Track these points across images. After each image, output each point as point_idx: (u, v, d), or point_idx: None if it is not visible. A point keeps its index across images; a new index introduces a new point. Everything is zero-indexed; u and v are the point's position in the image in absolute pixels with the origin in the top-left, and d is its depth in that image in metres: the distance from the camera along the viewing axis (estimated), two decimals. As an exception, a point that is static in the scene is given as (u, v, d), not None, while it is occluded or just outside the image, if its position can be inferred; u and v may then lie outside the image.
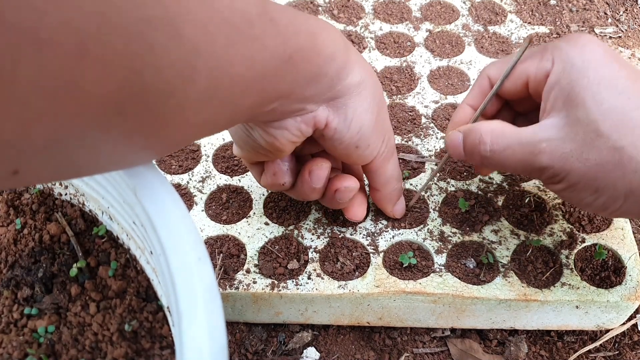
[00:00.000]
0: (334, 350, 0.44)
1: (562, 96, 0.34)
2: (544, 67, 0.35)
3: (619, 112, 0.32)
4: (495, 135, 0.36)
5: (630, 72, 0.33)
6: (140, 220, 0.33)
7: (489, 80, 0.40)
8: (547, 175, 0.35)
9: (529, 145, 0.34)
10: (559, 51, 0.35)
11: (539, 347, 0.45)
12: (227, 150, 0.50)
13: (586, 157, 0.32)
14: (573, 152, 0.33)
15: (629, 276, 0.42)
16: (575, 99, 0.33)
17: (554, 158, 0.33)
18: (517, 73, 0.37)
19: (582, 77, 0.33)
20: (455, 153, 0.39)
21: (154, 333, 0.39)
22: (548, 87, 0.35)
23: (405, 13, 0.63)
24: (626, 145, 0.32)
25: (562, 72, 0.34)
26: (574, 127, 0.33)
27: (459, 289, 0.41)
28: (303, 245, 0.44)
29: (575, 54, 0.34)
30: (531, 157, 0.34)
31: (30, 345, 0.39)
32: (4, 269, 0.43)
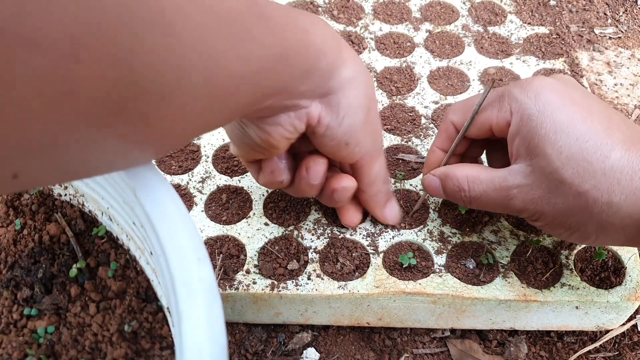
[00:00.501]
0: (333, 351, 0.44)
1: (523, 146, 0.35)
2: (503, 117, 0.37)
3: (578, 158, 0.33)
4: (471, 181, 0.38)
5: (586, 113, 0.34)
6: (140, 221, 0.33)
7: (453, 126, 0.41)
8: (524, 215, 0.37)
9: (502, 191, 0.36)
10: (515, 101, 0.36)
11: (539, 348, 0.45)
12: (227, 151, 0.50)
13: (554, 202, 0.34)
14: (542, 197, 0.35)
15: (628, 277, 0.42)
16: (535, 149, 0.34)
17: (526, 202, 0.35)
18: (480, 121, 0.39)
19: (539, 127, 0.34)
20: (436, 195, 0.41)
21: (153, 333, 0.39)
22: (510, 137, 0.36)
23: (405, 13, 0.63)
24: (589, 189, 0.33)
25: (520, 123, 0.35)
26: (539, 176, 0.34)
27: (459, 289, 0.41)
28: (303, 245, 0.44)
29: (530, 104, 0.35)
30: (506, 201, 0.36)
31: (29, 345, 0.39)
32: (3, 269, 0.43)
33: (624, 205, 0.32)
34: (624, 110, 0.59)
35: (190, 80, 0.23)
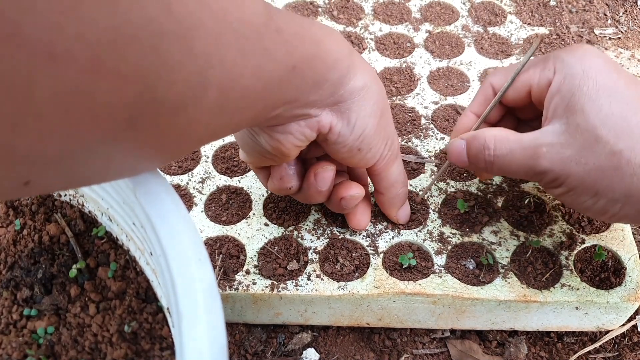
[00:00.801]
0: (333, 351, 0.44)
1: (562, 103, 0.35)
2: (546, 77, 0.37)
3: (617, 118, 0.33)
4: (498, 140, 0.37)
5: (628, 80, 0.34)
6: (139, 221, 0.33)
7: (492, 89, 0.41)
8: (547, 179, 0.36)
9: (531, 149, 0.35)
10: (560, 61, 0.36)
11: (539, 348, 0.45)
12: (227, 151, 0.50)
13: (585, 162, 0.33)
14: (572, 157, 0.34)
15: (628, 277, 0.42)
16: (575, 105, 0.34)
17: (554, 162, 0.35)
18: (520, 82, 0.38)
19: (582, 85, 0.34)
20: (458, 160, 0.40)
21: (153, 334, 0.39)
22: (550, 95, 0.36)
23: (405, 14, 0.63)
24: (624, 149, 0.32)
25: (563, 80, 0.35)
26: (574, 133, 0.34)
27: (459, 290, 0.41)
28: (303, 246, 0.44)
29: (576, 64, 0.35)
30: (532, 161, 0.35)
31: (29, 346, 0.39)
32: (3, 269, 0.43)
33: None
34: (624, 111, 0.59)
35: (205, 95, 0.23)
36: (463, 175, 0.48)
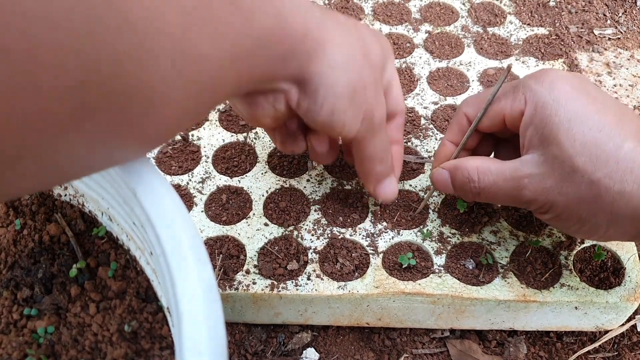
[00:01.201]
0: (333, 351, 0.45)
1: (536, 135, 0.35)
2: (517, 107, 0.37)
3: (591, 146, 0.33)
4: (481, 172, 0.37)
5: (600, 104, 0.35)
6: (140, 221, 0.33)
7: (466, 118, 0.41)
8: (534, 207, 0.37)
9: (513, 181, 0.36)
10: (529, 91, 0.36)
11: (538, 348, 0.45)
12: (227, 151, 0.50)
13: (566, 192, 0.34)
14: (553, 187, 0.35)
15: (628, 277, 0.42)
16: (549, 137, 0.34)
17: (537, 193, 0.35)
18: (493, 112, 0.39)
19: (553, 115, 0.34)
20: (444, 189, 0.41)
21: (153, 333, 0.39)
22: (523, 126, 0.36)
23: (404, 14, 0.63)
24: (602, 177, 0.33)
25: (534, 111, 0.35)
26: (552, 164, 0.34)
27: (458, 289, 0.41)
28: (302, 246, 0.44)
29: (545, 93, 0.35)
30: (516, 192, 0.36)
31: (29, 345, 0.39)
32: (3, 269, 0.43)
33: (636, 194, 0.32)
34: (623, 111, 0.59)
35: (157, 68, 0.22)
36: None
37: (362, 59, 0.35)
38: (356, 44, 0.35)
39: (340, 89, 0.34)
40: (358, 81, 0.35)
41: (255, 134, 0.51)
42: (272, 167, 0.49)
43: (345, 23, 0.36)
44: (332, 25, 0.34)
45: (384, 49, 0.38)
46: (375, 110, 0.37)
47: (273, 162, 0.49)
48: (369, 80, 0.36)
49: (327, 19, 0.34)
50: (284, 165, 0.49)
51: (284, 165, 0.49)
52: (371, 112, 0.37)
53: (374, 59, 0.37)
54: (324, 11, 0.34)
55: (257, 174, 0.49)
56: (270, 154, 0.50)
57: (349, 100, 0.35)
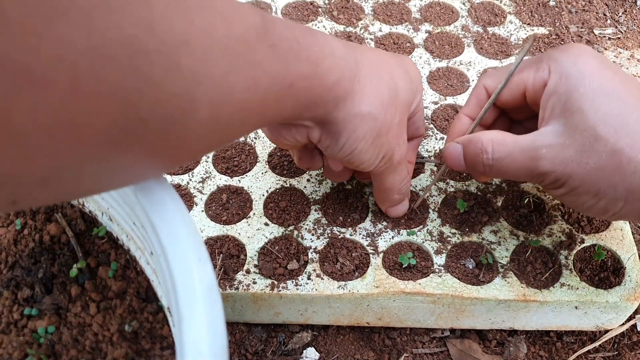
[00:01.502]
0: (333, 351, 0.45)
1: (559, 104, 0.35)
2: (541, 77, 0.36)
3: (615, 116, 0.33)
4: (496, 143, 0.37)
5: (623, 79, 0.35)
6: (140, 221, 0.33)
7: (485, 91, 0.41)
8: (548, 180, 0.36)
9: (530, 151, 0.35)
10: (554, 62, 0.36)
11: (539, 348, 0.45)
12: (227, 151, 0.50)
13: (586, 161, 0.33)
14: (573, 157, 0.34)
15: (628, 277, 0.42)
16: (573, 106, 0.34)
17: (555, 163, 0.34)
18: (514, 83, 0.38)
19: (578, 86, 0.34)
20: (455, 164, 0.39)
21: (154, 333, 0.39)
22: (546, 96, 0.36)
23: (404, 14, 0.63)
24: (624, 147, 0.32)
25: (558, 81, 0.35)
26: (573, 133, 0.34)
27: (459, 289, 0.41)
28: (303, 245, 0.44)
29: (570, 64, 0.35)
30: (532, 162, 0.35)
31: (30, 345, 0.39)
32: (4, 269, 0.43)
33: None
34: (624, 111, 0.59)
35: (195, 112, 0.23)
36: (463, 175, 0.48)
37: (389, 104, 0.36)
38: (386, 89, 0.35)
39: (363, 135, 0.35)
40: (382, 127, 0.35)
41: (256, 134, 0.51)
42: (273, 167, 0.49)
43: (379, 66, 0.36)
44: (364, 72, 0.34)
45: (413, 84, 0.39)
46: (395, 150, 0.38)
47: (273, 161, 0.50)
48: (393, 122, 0.36)
49: (361, 65, 0.34)
50: (284, 165, 0.49)
51: (284, 165, 0.49)
52: (391, 152, 0.38)
53: (402, 100, 0.37)
54: (359, 55, 0.35)
55: (257, 173, 0.49)
56: (270, 154, 0.50)
57: (370, 144, 0.36)
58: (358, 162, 0.37)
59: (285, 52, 0.27)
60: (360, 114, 0.34)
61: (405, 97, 0.37)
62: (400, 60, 0.39)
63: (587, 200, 0.35)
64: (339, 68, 0.32)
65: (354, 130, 0.34)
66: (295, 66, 0.28)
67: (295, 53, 0.28)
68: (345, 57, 0.33)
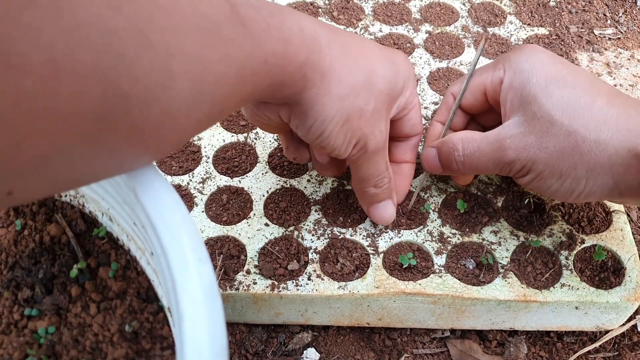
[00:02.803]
0: (334, 351, 0.45)
1: (516, 97, 0.38)
2: (497, 76, 0.40)
3: (567, 101, 0.36)
4: (465, 140, 0.40)
5: (573, 69, 0.38)
6: (140, 222, 0.33)
7: (453, 97, 0.43)
8: (515, 168, 0.38)
9: (496, 143, 0.38)
10: (508, 61, 0.39)
11: (539, 348, 0.45)
12: (227, 152, 0.50)
13: (546, 146, 0.36)
14: (534, 143, 0.37)
15: (628, 277, 0.42)
16: (528, 96, 0.37)
17: (519, 151, 0.37)
18: (475, 86, 0.42)
19: (531, 77, 0.37)
20: (432, 167, 0.42)
21: (154, 334, 0.39)
22: (504, 93, 0.39)
23: (404, 14, 0.63)
24: (578, 128, 0.35)
25: (513, 77, 0.38)
26: (531, 121, 0.37)
27: (459, 289, 0.41)
28: (303, 246, 0.44)
29: (523, 61, 0.38)
30: (499, 153, 0.38)
31: (30, 346, 0.39)
32: (4, 269, 0.43)
33: (611, 142, 0.35)
34: (624, 111, 0.59)
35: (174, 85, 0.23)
36: (463, 175, 0.49)
37: (362, 88, 0.36)
38: (359, 73, 0.35)
39: (331, 117, 0.34)
40: (353, 110, 0.35)
41: (256, 134, 0.51)
42: (273, 168, 0.49)
43: (355, 50, 0.36)
44: (336, 54, 0.34)
45: (399, 76, 0.38)
46: (370, 138, 0.37)
47: (273, 162, 0.50)
48: (366, 108, 0.36)
49: (334, 47, 0.34)
50: (285, 166, 0.49)
51: (284, 166, 0.49)
52: (365, 139, 0.37)
53: (380, 88, 0.37)
54: (333, 37, 0.35)
55: (257, 174, 0.49)
56: (270, 154, 0.50)
57: (339, 127, 0.35)
58: (329, 147, 0.36)
59: (255, 30, 0.28)
60: (327, 94, 0.34)
61: (383, 86, 0.37)
62: (388, 52, 0.39)
63: (553, 183, 0.37)
64: (307, 47, 0.32)
65: (321, 111, 0.34)
66: (267, 44, 0.29)
67: (265, 31, 0.29)
68: (315, 36, 0.33)
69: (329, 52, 0.34)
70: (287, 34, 0.31)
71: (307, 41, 0.32)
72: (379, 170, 0.40)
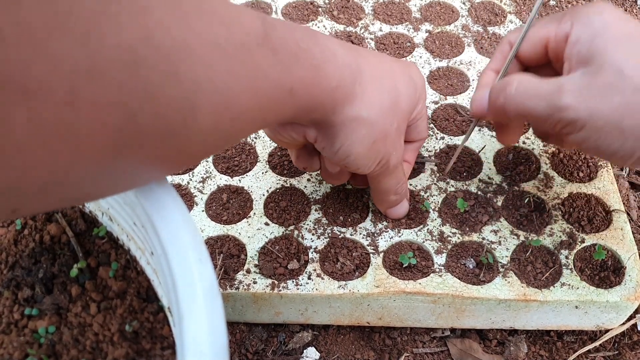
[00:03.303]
0: (334, 350, 0.45)
1: (584, 49, 0.35)
2: (563, 30, 0.37)
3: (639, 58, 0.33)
4: (522, 78, 0.37)
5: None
6: (140, 221, 0.33)
7: (510, 46, 0.40)
8: (568, 117, 0.34)
9: (555, 84, 0.35)
10: (577, 14, 0.36)
11: (539, 347, 0.45)
12: (228, 151, 0.50)
13: (610, 99, 0.33)
14: (597, 94, 0.33)
15: (628, 276, 0.42)
16: (597, 48, 0.34)
17: (578, 97, 0.34)
18: (537, 38, 0.39)
19: (602, 33, 0.34)
20: (479, 108, 0.39)
21: (154, 333, 0.39)
22: (570, 45, 0.36)
23: (405, 14, 0.63)
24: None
25: (582, 30, 0.35)
26: (599, 72, 0.34)
27: (459, 289, 0.41)
28: (303, 245, 0.44)
29: (594, 15, 0.35)
30: (555, 95, 0.34)
31: (30, 345, 0.39)
32: (4, 269, 0.43)
33: None
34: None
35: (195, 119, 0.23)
36: (463, 175, 0.48)
37: (388, 110, 0.35)
38: (386, 95, 0.35)
39: (359, 140, 0.35)
40: (380, 133, 0.35)
41: (256, 134, 0.51)
42: (273, 167, 0.49)
43: (381, 72, 0.36)
44: (366, 78, 0.34)
45: (417, 91, 0.38)
46: (392, 156, 0.38)
47: (273, 161, 0.50)
48: (392, 129, 0.36)
49: (363, 70, 0.34)
50: (285, 165, 0.49)
51: (284, 165, 0.49)
52: (388, 157, 0.38)
53: (403, 107, 0.37)
54: (362, 60, 0.34)
55: (257, 173, 0.49)
56: (270, 154, 0.50)
57: (367, 150, 0.35)
58: (354, 167, 0.37)
59: (285, 56, 0.27)
60: (358, 119, 0.34)
61: (406, 105, 0.37)
62: (405, 68, 0.38)
63: (613, 142, 0.34)
64: (339, 73, 0.32)
65: (350, 134, 0.34)
66: (296, 71, 0.28)
67: (296, 57, 0.28)
68: (346, 61, 0.33)
69: (359, 77, 0.33)
70: (318, 59, 0.30)
71: (339, 66, 0.32)
72: (398, 180, 0.41)
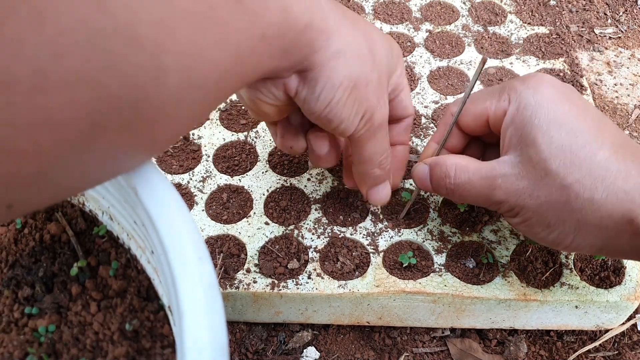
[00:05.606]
0: (334, 350, 0.45)
1: (516, 135, 0.35)
2: (501, 107, 0.37)
3: (567, 151, 0.33)
4: (458, 168, 0.38)
5: (580, 111, 0.35)
6: (141, 220, 0.33)
7: (452, 117, 0.41)
8: (503, 209, 0.36)
9: (488, 180, 0.36)
10: (514, 91, 0.36)
11: (539, 347, 0.45)
12: (228, 150, 0.50)
13: (537, 194, 0.34)
14: (526, 189, 0.34)
15: (628, 276, 0.42)
16: (527, 138, 0.34)
17: (509, 193, 0.35)
18: (478, 112, 0.39)
19: (533, 117, 0.34)
20: (422, 185, 0.40)
21: (154, 332, 0.39)
22: (504, 126, 0.37)
23: (405, 13, 0.63)
24: (573, 182, 0.33)
25: (516, 111, 0.36)
26: (527, 165, 0.34)
27: (459, 288, 0.41)
28: (303, 245, 0.44)
29: (529, 95, 0.35)
30: (489, 191, 0.36)
31: (30, 344, 0.39)
32: (4, 268, 0.43)
33: (605, 204, 0.32)
34: (624, 110, 0.59)
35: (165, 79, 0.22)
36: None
37: (367, 54, 0.35)
38: (362, 39, 0.34)
39: (340, 81, 0.33)
40: (360, 76, 0.34)
41: (256, 133, 0.51)
42: (273, 166, 0.49)
43: (353, 18, 0.35)
44: (338, 17, 0.33)
45: (393, 52, 0.38)
46: (376, 110, 0.36)
47: (274, 161, 0.50)
48: (372, 77, 0.35)
49: (334, 11, 0.33)
50: (285, 164, 0.49)
51: (284, 164, 0.49)
52: (372, 111, 0.36)
53: (380, 59, 0.36)
54: (332, 4, 0.34)
55: (257, 173, 0.49)
56: (270, 153, 0.50)
57: (348, 94, 0.34)
58: (338, 119, 0.35)
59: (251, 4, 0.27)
60: (337, 55, 0.33)
61: (383, 55, 0.36)
62: (379, 31, 0.38)
63: (540, 231, 0.35)
64: (309, 11, 0.31)
65: (330, 75, 0.33)
66: (263, 17, 0.28)
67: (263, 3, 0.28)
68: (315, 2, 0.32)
69: (331, 15, 0.33)
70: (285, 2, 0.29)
71: (308, 4, 0.31)
72: (383, 147, 0.39)
